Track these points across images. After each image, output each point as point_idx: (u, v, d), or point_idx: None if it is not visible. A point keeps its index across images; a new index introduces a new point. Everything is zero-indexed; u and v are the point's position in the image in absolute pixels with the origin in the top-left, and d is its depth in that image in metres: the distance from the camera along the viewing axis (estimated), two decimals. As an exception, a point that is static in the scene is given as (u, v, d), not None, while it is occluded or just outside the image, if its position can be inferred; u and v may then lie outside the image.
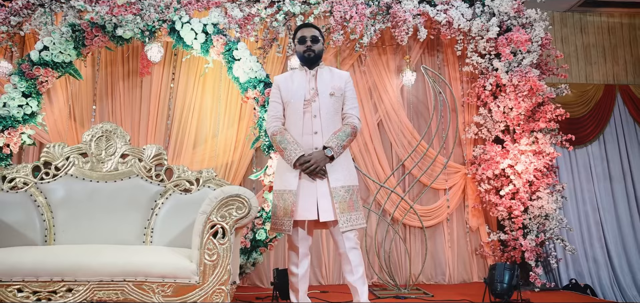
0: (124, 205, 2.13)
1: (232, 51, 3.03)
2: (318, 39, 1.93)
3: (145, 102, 3.36)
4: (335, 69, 2.02)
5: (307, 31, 1.94)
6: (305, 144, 1.86)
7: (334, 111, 1.89)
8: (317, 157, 1.79)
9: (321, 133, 1.85)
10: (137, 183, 2.19)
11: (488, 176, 3.17)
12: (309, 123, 1.87)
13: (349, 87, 1.97)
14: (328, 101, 1.87)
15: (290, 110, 1.92)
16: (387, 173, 3.36)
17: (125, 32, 2.98)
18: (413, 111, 3.53)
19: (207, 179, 2.23)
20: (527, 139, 3.02)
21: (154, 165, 2.23)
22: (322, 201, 1.80)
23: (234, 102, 3.39)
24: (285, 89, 1.96)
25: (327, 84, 1.91)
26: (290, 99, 1.91)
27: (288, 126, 1.93)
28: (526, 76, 3.01)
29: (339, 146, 1.84)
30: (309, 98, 1.88)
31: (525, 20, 3.18)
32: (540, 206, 3.05)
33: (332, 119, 1.88)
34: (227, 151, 3.32)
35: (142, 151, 2.24)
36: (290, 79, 1.98)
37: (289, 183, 1.85)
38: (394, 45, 3.53)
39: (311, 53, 1.91)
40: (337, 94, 1.91)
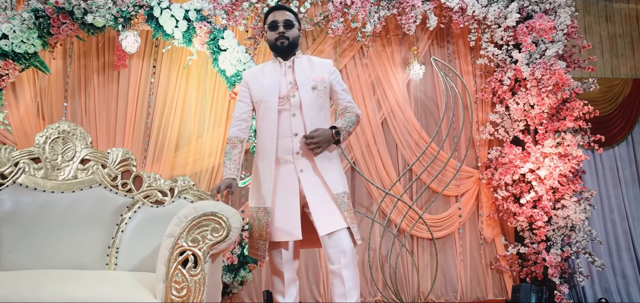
0: (84, 220, 1.79)
1: (217, 40, 2.68)
2: (292, 24, 1.63)
3: (122, 98, 3.01)
4: (315, 57, 1.73)
5: (279, 14, 1.63)
6: (283, 149, 1.56)
7: (317, 107, 1.59)
8: (324, 134, 1.52)
9: (303, 134, 1.54)
10: (100, 193, 1.84)
11: (506, 182, 2.83)
12: (286, 123, 1.57)
13: (335, 78, 1.68)
14: (310, 95, 1.58)
15: (263, 110, 1.61)
16: (392, 177, 3.01)
17: (95, 19, 2.62)
18: (421, 109, 3.18)
19: (183, 189, 1.88)
20: (553, 141, 2.67)
21: (120, 172, 1.88)
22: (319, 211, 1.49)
23: (221, 98, 3.04)
24: (255, 86, 1.66)
25: (308, 75, 1.62)
26: (262, 98, 1.62)
27: (261, 129, 1.63)
28: (551, 68, 2.66)
29: (346, 131, 1.61)
30: (286, 94, 1.59)
31: (549, 5, 2.83)
32: (565, 215, 2.70)
33: (315, 117, 1.58)
34: (213, 154, 2.97)
35: (105, 155, 1.90)
36: (260, 73, 1.68)
37: (263, 200, 1.55)
38: (399, 35, 3.18)
39: (284, 41, 1.61)
40: (320, 87, 1.61)
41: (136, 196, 1.87)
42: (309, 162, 1.56)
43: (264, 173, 1.58)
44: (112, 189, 1.87)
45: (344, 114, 1.68)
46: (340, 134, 1.57)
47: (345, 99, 1.69)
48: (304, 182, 1.53)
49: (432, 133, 3.12)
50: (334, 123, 1.61)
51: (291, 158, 1.56)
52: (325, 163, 1.56)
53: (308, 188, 1.52)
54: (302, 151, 1.55)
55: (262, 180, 1.58)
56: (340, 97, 1.69)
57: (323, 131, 1.54)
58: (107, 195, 1.85)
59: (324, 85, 1.62)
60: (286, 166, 1.56)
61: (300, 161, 1.55)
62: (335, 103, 1.73)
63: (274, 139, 1.57)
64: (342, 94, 1.69)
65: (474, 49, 3.20)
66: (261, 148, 1.63)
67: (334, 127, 1.57)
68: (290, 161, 1.56)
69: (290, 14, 1.65)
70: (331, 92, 1.69)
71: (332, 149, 1.62)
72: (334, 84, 1.68)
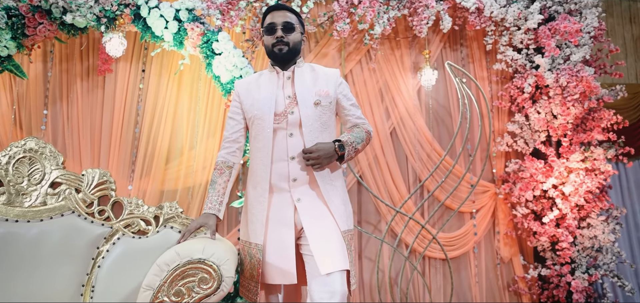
0: (54, 254, 1.55)
1: (211, 43, 2.44)
2: (293, 27, 1.38)
3: (108, 105, 2.75)
4: (319, 66, 1.48)
5: (278, 16, 1.39)
6: (278, 175, 1.32)
7: (320, 126, 1.35)
8: (325, 149, 1.31)
9: (299, 158, 1.32)
10: (73, 222, 1.60)
11: (527, 198, 2.59)
12: (282, 144, 1.33)
13: (342, 91, 1.44)
14: (311, 112, 1.35)
15: (257, 128, 1.38)
16: (402, 192, 2.77)
17: (75, 18, 2.37)
18: (433, 117, 2.94)
19: (170, 216, 1.64)
20: (580, 155, 2.43)
21: (96, 198, 1.63)
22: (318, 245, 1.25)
23: (216, 106, 2.79)
24: (248, 99, 1.43)
25: (309, 88, 1.38)
26: (255, 113, 1.38)
27: (254, 150, 1.40)
28: (578, 75, 2.43)
29: (353, 147, 1.37)
30: (283, 110, 1.36)
31: (573, 6, 2.59)
32: (592, 235, 2.48)
33: (318, 138, 1.34)
34: (207, 166, 2.72)
35: (80, 178, 1.64)
36: (255, 84, 1.44)
37: (254, 234, 1.33)
38: (409, 37, 2.94)
39: (283, 47, 1.37)
40: (324, 102, 1.37)
41: (115, 225, 1.62)
42: (308, 189, 1.33)
43: (255, 202, 1.35)
44: (87, 217, 1.62)
45: (353, 129, 1.44)
46: (344, 149, 1.34)
47: (354, 115, 1.45)
48: (302, 212, 1.29)
49: (445, 143, 2.89)
50: (338, 137, 1.38)
51: (286, 185, 1.32)
52: (328, 189, 1.33)
53: (306, 219, 1.28)
54: (299, 178, 1.32)
55: (253, 211, 1.35)
56: (348, 113, 1.45)
57: (324, 144, 1.32)
58: (81, 224, 1.60)
59: (328, 100, 1.39)
60: (281, 195, 1.33)
61: (297, 190, 1.32)
62: (342, 120, 1.48)
63: (268, 163, 1.33)
64: (351, 109, 1.45)
65: (490, 53, 2.96)
66: (253, 172, 1.40)
67: (338, 140, 1.35)
68: (286, 190, 1.32)
69: (292, 15, 1.41)
70: (337, 107, 1.44)
71: (334, 168, 1.38)
72: (340, 98, 1.43)
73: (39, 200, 1.60)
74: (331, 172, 1.36)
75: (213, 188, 1.40)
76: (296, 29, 1.39)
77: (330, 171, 1.36)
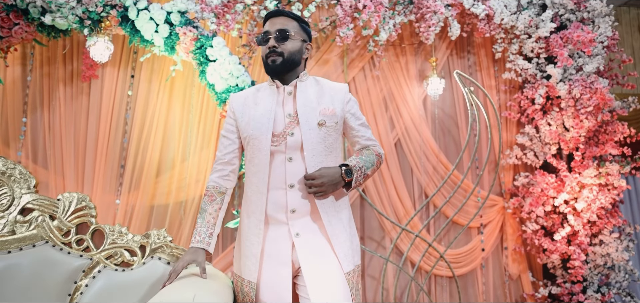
0: (25, 290, 1.37)
1: (205, 48, 2.27)
2: (288, 35, 1.22)
3: (94, 113, 2.56)
4: (325, 80, 1.32)
5: (273, 23, 1.24)
6: (274, 205, 1.17)
7: (324, 149, 1.20)
8: (329, 174, 1.16)
9: (300, 186, 1.17)
10: (47, 254, 1.42)
11: (537, 214, 2.48)
12: (280, 169, 1.18)
13: (351, 109, 1.28)
14: (315, 134, 1.19)
15: (252, 149, 1.22)
16: (407, 206, 2.64)
17: (55, 20, 2.17)
18: (439, 128, 2.81)
19: (157, 246, 1.47)
20: (595, 170, 2.32)
21: (74, 225, 1.46)
22: (318, 286, 1.10)
23: (210, 115, 2.62)
24: (243, 116, 1.26)
25: (313, 106, 1.22)
26: (251, 133, 1.22)
27: (249, 175, 1.24)
28: (591, 86, 2.32)
29: (362, 173, 1.23)
30: (282, 130, 1.20)
31: (586, 14, 2.49)
32: (605, 253, 2.37)
33: (322, 163, 1.19)
34: (200, 180, 2.55)
35: (55, 203, 1.47)
36: (252, 99, 1.28)
37: (247, 270, 1.18)
38: (414, 44, 2.81)
39: (276, 58, 1.21)
40: (329, 122, 1.21)
41: (96, 256, 1.45)
42: (309, 222, 1.17)
43: (249, 233, 1.19)
44: (63, 247, 1.45)
45: (362, 152, 1.29)
46: (352, 175, 1.19)
47: (364, 136, 1.30)
48: (301, 249, 1.14)
49: (451, 154, 2.76)
50: (345, 161, 1.23)
51: (284, 217, 1.17)
52: (332, 222, 1.18)
53: (305, 258, 1.13)
54: (299, 209, 1.16)
55: (247, 243, 1.20)
56: (357, 134, 1.29)
57: (329, 170, 1.16)
58: (56, 255, 1.43)
59: (334, 120, 1.22)
60: (277, 228, 1.18)
61: (297, 223, 1.16)
62: (350, 141, 1.33)
63: (264, 190, 1.18)
64: (360, 129, 1.29)
65: (498, 61, 2.85)
66: (247, 199, 1.24)
67: (344, 165, 1.19)
68: (283, 222, 1.17)
69: (290, 22, 1.25)
70: (345, 127, 1.29)
71: (340, 196, 1.22)
72: (348, 117, 1.27)
73: (7, 229, 1.42)
74: (336, 201, 1.21)
75: (202, 218, 1.23)
76: (292, 36, 1.22)
77: (335, 200, 1.21)
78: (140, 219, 2.48)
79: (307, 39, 1.29)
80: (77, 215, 1.46)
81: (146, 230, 2.51)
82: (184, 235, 2.48)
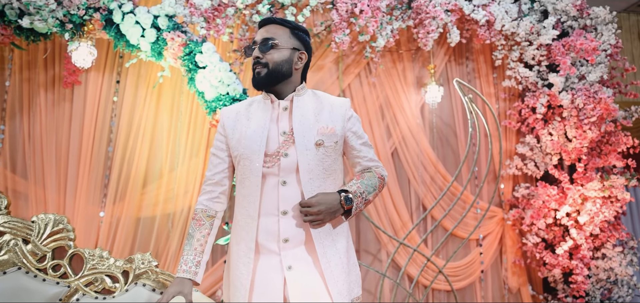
0: (-6, 321, 1.25)
1: (194, 55, 2.16)
2: (273, 44, 1.11)
3: (77, 120, 2.44)
4: (324, 94, 1.22)
5: (262, 30, 1.14)
6: (266, 233, 1.08)
7: (322, 172, 1.11)
8: (327, 201, 1.06)
9: (294, 212, 1.08)
10: (20, 281, 1.31)
11: (539, 227, 2.41)
12: (272, 194, 1.09)
13: (352, 127, 1.18)
14: (312, 155, 1.10)
15: (243, 170, 1.12)
16: (404, 218, 2.56)
17: (34, 23, 2.05)
18: (437, 137, 2.73)
19: (142, 271, 1.37)
20: (599, 183, 2.26)
21: (50, 250, 1.35)
22: None
23: (200, 123, 2.51)
24: (234, 133, 1.16)
25: (310, 124, 1.12)
26: (242, 152, 1.12)
27: (239, 197, 1.14)
28: (595, 96, 2.25)
29: (363, 199, 1.13)
30: (275, 150, 1.10)
31: (589, 21, 2.42)
32: (608, 267, 2.31)
33: (318, 187, 1.09)
34: (189, 191, 2.44)
35: (29, 226, 1.35)
36: (245, 114, 1.18)
37: (237, 297, 1.08)
38: (412, 50, 2.72)
39: (261, 69, 1.12)
40: (328, 142, 1.12)
41: (74, 283, 1.34)
42: (303, 253, 1.08)
43: (238, 262, 1.10)
44: (38, 274, 1.33)
45: (363, 174, 1.19)
46: (351, 202, 1.09)
47: (366, 157, 1.19)
48: (292, 285, 1.04)
49: (450, 164, 2.69)
50: (344, 186, 1.13)
51: (276, 246, 1.07)
52: (328, 253, 1.08)
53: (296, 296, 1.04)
54: (292, 238, 1.07)
55: (236, 272, 1.10)
56: (358, 154, 1.19)
57: (327, 196, 1.06)
58: (29, 283, 1.32)
59: (334, 139, 1.13)
60: (269, 258, 1.08)
61: (289, 254, 1.07)
62: (350, 162, 1.23)
63: (254, 216, 1.08)
64: (362, 149, 1.19)
65: (498, 68, 2.78)
66: (237, 224, 1.15)
67: (344, 190, 1.10)
68: (275, 252, 1.07)
69: (278, 28, 1.14)
70: (345, 146, 1.18)
71: (337, 223, 1.13)
72: (349, 136, 1.17)
73: (-24, 255, 1.30)
74: (333, 228, 1.11)
75: (189, 245, 1.14)
76: (279, 45, 1.11)
77: (332, 227, 1.11)
78: (126, 232, 2.36)
79: (302, 48, 1.17)
80: (53, 238, 1.36)
81: (132, 244, 2.39)
82: (171, 248, 2.37)
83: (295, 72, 1.16)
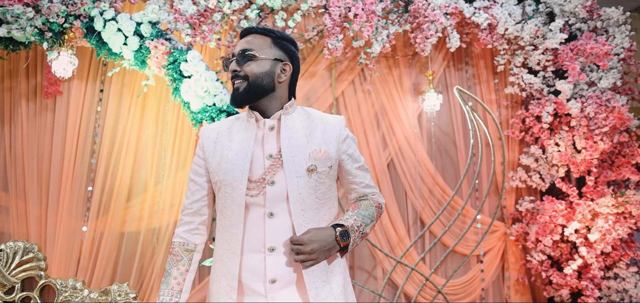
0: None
1: (179, 63, 2.06)
2: (250, 56, 0.99)
3: (59, 131, 2.35)
4: (316, 111, 1.09)
5: (241, 41, 1.03)
6: (250, 273, 0.96)
7: (315, 201, 0.98)
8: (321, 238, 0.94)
9: (283, 249, 0.96)
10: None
11: (545, 244, 2.26)
12: (257, 227, 0.96)
13: (348, 148, 1.05)
14: (304, 183, 0.97)
15: (224, 199, 1.00)
16: (401, 233, 2.42)
17: (12, 31, 1.96)
18: (435, 147, 2.59)
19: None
20: (612, 199, 2.10)
21: (19, 281, 1.25)
22: None
23: (186, 134, 2.41)
24: (214, 156, 1.03)
25: (301, 146, 1.00)
26: (223, 177, 1.00)
27: (220, 227, 1.02)
28: (608, 104, 2.10)
29: (360, 233, 1.01)
30: (260, 177, 0.97)
31: (599, 23, 2.26)
32: (621, 288, 2.15)
33: (311, 219, 0.97)
34: (175, 204, 2.34)
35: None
36: (226, 134, 1.05)
37: None
38: (409, 55, 2.59)
39: (240, 84, 0.99)
40: (321, 167, 0.99)
41: (33, 316, 1.22)
42: (293, 295, 0.95)
43: None
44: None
45: (359, 203, 1.06)
46: (349, 237, 0.97)
47: (362, 183, 1.07)
48: None
49: (449, 176, 2.54)
50: (340, 219, 1.00)
51: (262, 287, 0.95)
52: (321, 294, 0.95)
53: None
54: (281, 279, 0.95)
55: (220, 287, 0.99)
56: (354, 180, 1.06)
57: (320, 232, 0.94)
58: (-17, 316, 1.21)
59: (328, 163, 1.00)
60: (253, 300, 0.96)
61: (277, 296, 0.95)
62: (345, 188, 1.10)
63: (237, 251, 0.96)
64: (358, 174, 1.07)
65: (500, 74, 2.63)
66: (218, 259, 1.02)
67: (339, 224, 0.97)
68: (260, 294, 0.95)
69: (257, 38, 1.02)
70: (339, 170, 1.06)
71: (332, 259, 1.00)
72: (344, 159, 1.05)
73: None
74: (328, 265, 0.99)
75: (166, 283, 1.01)
76: (257, 56, 0.98)
77: (327, 264, 0.99)
78: (109, 248, 2.27)
79: (285, 58, 1.03)
80: (22, 267, 1.25)
81: (116, 260, 2.30)
82: (156, 265, 2.27)
83: (279, 85, 1.02)
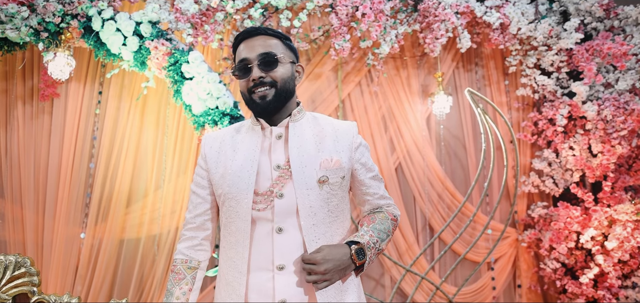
0: None
1: (180, 65, 1.98)
2: (275, 59, 0.92)
3: (56, 135, 2.28)
4: (326, 117, 1.02)
5: (252, 45, 0.93)
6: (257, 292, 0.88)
7: (327, 214, 0.91)
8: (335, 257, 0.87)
9: (294, 267, 0.88)
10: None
11: (560, 251, 2.18)
12: (265, 244, 0.89)
13: (361, 157, 0.98)
14: (315, 196, 0.90)
15: (229, 213, 0.93)
16: (409, 239, 2.34)
17: (6, 32, 1.89)
18: (444, 151, 2.51)
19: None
20: (631, 205, 2.02)
21: (10, 298, 1.17)
22: None
23: (187, 137, 2.33)
24: (217, 167, 0.96)
25: (311, 156, 0.93)
26: (227, 190, 0.93)
27: (225, 244, 0.95)
28: (626, 106, 2.02)
29: (376, 250, 0.93)
30: (267, 189, 0.91)
31: (617, 22, 2.18)
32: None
33: (323, 235, 0.90)
34: (177, 210, 2.26)
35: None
36: (230, 144, 0.98)
37: None
38: (417, 55, 2.51)
39: (267, 93, 0.91)
40: (333, 178, 0.92)
41: (26, 335, 1.15)
42: None
43: None
44: (-17, 326, 1.15)
45: (373, 217, 0.98)
46: (365, 255, 0.90)
47: (376, 194, 1.00)
48: None
49: (458, 180, 2.47)
50: (355, 235, 0.92)
51: None
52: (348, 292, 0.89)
53: None
54: (291, 298, 0.87)
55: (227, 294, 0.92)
56: (367, 190, 0.99)
57: (334, 250, 0.87)
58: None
59: (340, 174, 0.93)
60: None
61: None
62: (357, 199, 1.03)
63: (243, 270, 0.89)
64: (372, 185, 0.99)
65: (511, 76, 2.55)
66: (222, 278, 0.95)
67: (354, 242, 0.90)
68: None
69: (273, 41, 0.95)
70: (352, 180, 0.99)
71: (346, 278, 0.93)
72: (357, 168, 0.97)
73: None
74: (342, 284, 0.91)
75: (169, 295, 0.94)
76: (281, 60, 0.92)
77: (341, 283, 0.91)
78: (108, 256, 2.19)
79: (296, 60, 0.99)
80: (14, 283, 1.18)
81: (115, 268, 2.23)
82: (157, 273, 2.20)
83: (295, 90, 0.97)
